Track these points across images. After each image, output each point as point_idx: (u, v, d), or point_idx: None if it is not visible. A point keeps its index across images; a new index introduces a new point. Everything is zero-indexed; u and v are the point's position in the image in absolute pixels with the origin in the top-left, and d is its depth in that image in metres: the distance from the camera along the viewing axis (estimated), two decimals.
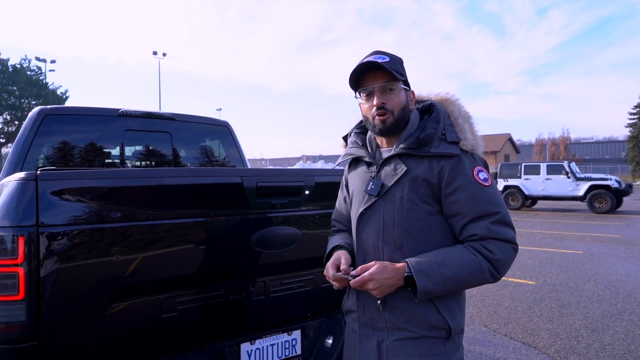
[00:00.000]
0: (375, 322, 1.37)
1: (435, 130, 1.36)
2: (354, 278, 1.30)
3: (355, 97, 1.44)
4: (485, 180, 1.34)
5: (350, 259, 1.41)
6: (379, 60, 1.33)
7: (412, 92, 1.45)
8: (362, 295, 1.41)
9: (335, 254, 1.44)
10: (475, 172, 1.33)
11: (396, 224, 1.33)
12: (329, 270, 1.39)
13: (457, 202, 1.31)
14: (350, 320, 1.49)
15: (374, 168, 1.42)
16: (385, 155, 1.42)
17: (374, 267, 1.28)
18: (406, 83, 1.41)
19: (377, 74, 1.36)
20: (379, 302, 1.34)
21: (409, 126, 1.41)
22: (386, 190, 1.36)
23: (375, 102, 1.36)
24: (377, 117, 1.37)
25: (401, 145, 1.36)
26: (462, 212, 1.31)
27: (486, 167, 1.39)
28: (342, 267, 1.37)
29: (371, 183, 1.39)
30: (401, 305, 1.33)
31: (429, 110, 1.46)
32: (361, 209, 1.41)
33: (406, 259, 1.29)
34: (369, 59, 1.36)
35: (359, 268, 1.31)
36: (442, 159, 1.33)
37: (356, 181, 1.49)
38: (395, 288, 1.29)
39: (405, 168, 1.34)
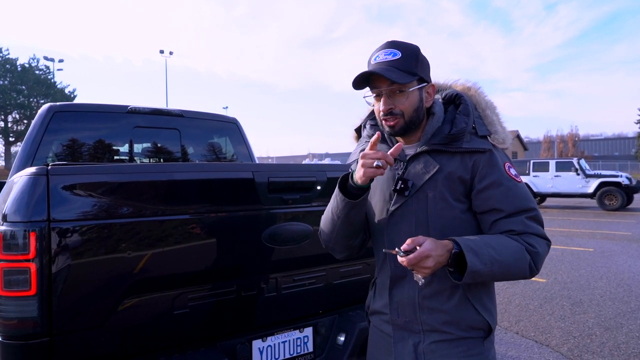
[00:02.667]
0: (410, 324, 1.31)
1: (466, 124, 1.28)
2: (405, 254, 1.13)
3: (364, 97, 1.33)
4: (516, 175, 1.30)
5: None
6: (389, 59, 1.23)
7: (432, 85, 1.33)
8: (395, 297, 1.34)
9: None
10: (507, 167, 1.29)
11: (430, 224, 1.27)
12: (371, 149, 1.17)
13: (491, 197, 1.25)
14: (379, 322, 1.41)
15: (400, 165, 1.32)
16: (408, 151, 1.33)
17: (426, 242, 1.13)
18: (422, 79, 1.28)
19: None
20: (422, 280, 1.19)
21: (434, 120, 1.32)
22: (417, 189, 1.28)
23: (382, 107, 1.26)
24: (384, 121, 1.28)
25: (431, 141, 1.29)
26: (498, 208, 1.26)
27: (511, 162, 1.35)
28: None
29: (400, 182, 1.30)
30: (439, 306, 1.27)
31: (454, 100, 1.36)
32: (391, 209, 1.31)
33: (451, 237, 1.19)
34: (378, 55, 1.25)
35: (408, 241, 1.14)
36: (474, 154, 1.27)
37: (378, 179, 1.35)
38: (441, 266, 1.17)
39: (438, 165, 1.26)
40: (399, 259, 1.15)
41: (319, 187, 1.92)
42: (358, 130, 1.53)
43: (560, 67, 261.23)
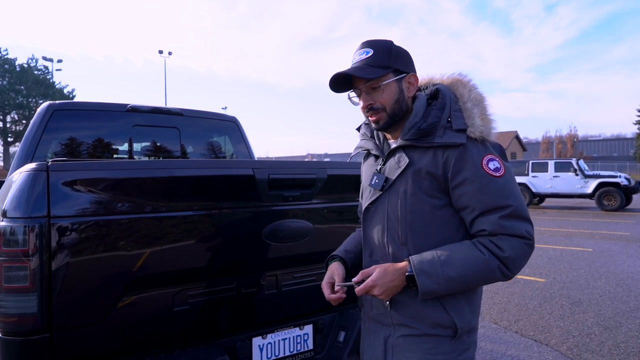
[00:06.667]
0: (382, 317, 1.35)
1: (439, 118, 1.25)
2: (358, 285, 1.26)
3: (350, 97, 1.36)
4: (496, 170, 1.22)
5: (343, 273, 1.40)
6: (362, 58, 1.27)
7: (413, 75, 1.32)
8: None
9: (328, 271, 1.43)
10: (484, 162, 1.22)
11: (400, 219, 1.28)
12: (325, 289, 1.38)
13: (464, 195, 1.22)
14: (363, 315, 1.48)
15: (380, 161, 1.37)
16: (392, 146, 1.36)
17: (375, 272, 1.23)
18: (398, 70, 1.29)
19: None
20: (386, 303, 1.31)
21: (413, 115, 1.30)
22: (390, 184, 1.30)
23: (361, 104, 1.31)
24: (369, 117, 1.33)
25: (405, 137, 1.29)
26: (470, 206, 1.22)
27: (501, 153, 1.29)
28: (336, 285, 1.37)
29: (375, 177, 1.34)
30: (407, 301, 1.29)
31: (437, 95, 1.34)
32: (366, 204, 1.37)
33: (409, 257, 1.24)
34: (354, 57, 1.30)
35: (359, 274, 1.27)
36: (447, 149, 1.23)
37: (365, 175, 1.45)
38: (400, 289, 1.25)
39: (408, 160, 1.26)
40: (355, 289, 1.28)
41: (319, 184, 1.91)
42: (360, 130, 1.57)
43: (560, 67, 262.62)
